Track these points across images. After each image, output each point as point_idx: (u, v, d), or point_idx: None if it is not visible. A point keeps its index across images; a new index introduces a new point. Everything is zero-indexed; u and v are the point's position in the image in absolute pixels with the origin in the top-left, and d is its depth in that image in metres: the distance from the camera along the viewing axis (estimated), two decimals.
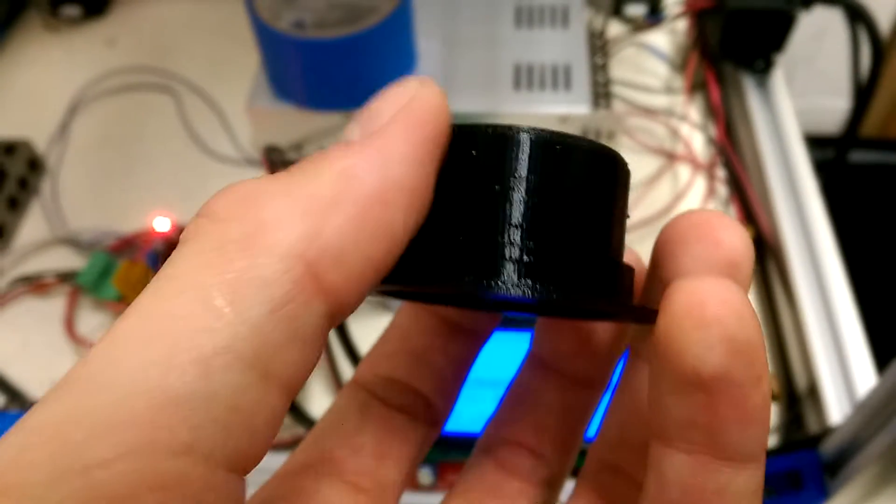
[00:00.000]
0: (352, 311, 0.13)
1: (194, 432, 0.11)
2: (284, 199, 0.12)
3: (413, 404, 0.18)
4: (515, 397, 0.19)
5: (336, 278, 0.12)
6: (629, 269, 0.15)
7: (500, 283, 0.13)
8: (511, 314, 0.19)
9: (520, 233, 0.14)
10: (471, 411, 0.22)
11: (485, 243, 0.14)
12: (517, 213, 0.14)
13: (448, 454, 0.41)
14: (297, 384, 0.12)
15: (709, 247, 0.14)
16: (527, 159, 0.14)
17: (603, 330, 0.18)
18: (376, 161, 0.13)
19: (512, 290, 0.13)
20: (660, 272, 0.15)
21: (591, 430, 0.19)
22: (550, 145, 0.14)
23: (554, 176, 0.14)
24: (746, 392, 0.12)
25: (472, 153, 0.14)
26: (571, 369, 0.18)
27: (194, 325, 0.11)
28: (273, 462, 0.17)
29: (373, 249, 0.13)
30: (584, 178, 0.14)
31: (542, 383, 0.18)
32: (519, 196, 0.14)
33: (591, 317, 0.17)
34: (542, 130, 0.14)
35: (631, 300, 0.15)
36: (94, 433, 0.10)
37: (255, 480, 0.14)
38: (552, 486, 0.18)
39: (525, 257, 0.14)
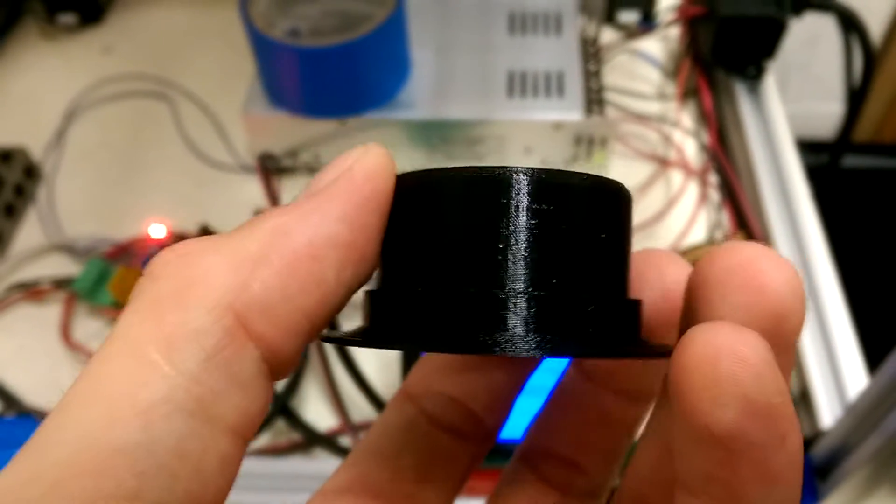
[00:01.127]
0: (293, 360, 0.14)
1: (140, 479, 0.12)
2: (215, 255, 0.13)
3: (462, 423, 0.18)
4: (558, 407, 0.18)
5: (265, 328, 0.13)
6: (637, 304, 0.15)
7: (507, 341, 0.13)
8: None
9: (524, 283, 0.13)
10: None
11: (489, 297, 0.13)
12: (520, 262, 0.13)
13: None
14: (247, 427, 0.13)
15: (751, 295, 0.13)
16: (526, 203, 0.13)
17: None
18: (309, 219, 0.14)
19: (520, 347, 0.13)
20: (694, 319, 0.13)
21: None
22: (550, 185, 0.13)
23: (557, 217, 0.13)
24: (768, 453, 0.12)
25: (467, 199, 0.14)
26: (616, 381, 0.17)
27: (134, 380, 0.12)
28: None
29: (303, 301, 0.13)
30: (589, 218, 0.14)
31: (585, 394, 0.18)
32: (520, 244, 0.13)
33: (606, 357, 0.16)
34: (539, 170, 0.14)
35: (640, 338, 0.14)
36: (48, 490, 0.11)
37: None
38: (593, 500, 0.18)
39: (533, 309, 0.13)
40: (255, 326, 0.13)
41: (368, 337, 0.15)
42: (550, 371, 0.19)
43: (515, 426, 0.19)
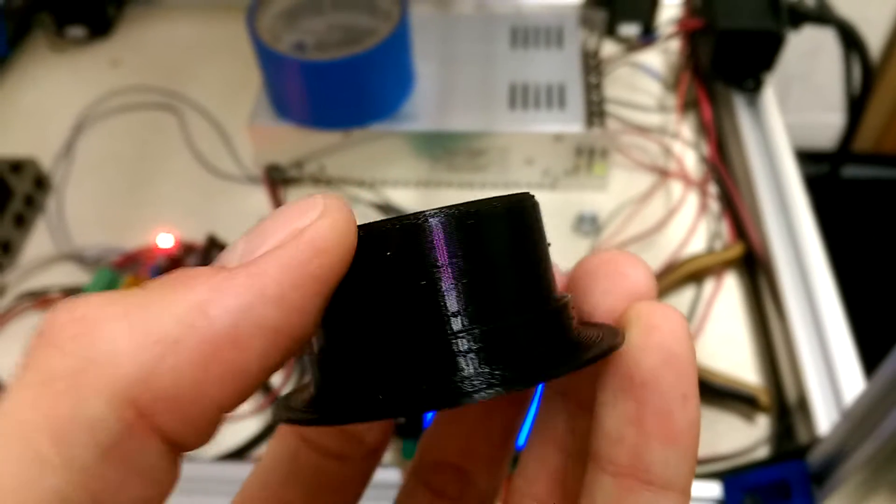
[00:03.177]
0: (204, 443, 0.12)
1: None
2: (123, 329, 0.11)
3: (343, 446, 0.17)
4: (444, 417, 0.18)
5: (172, 422, 0.12)
6: (567, 300, 0.15)
7: (462, 383, 0.12)
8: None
9: (462, 321, 0.13)
10: None
11: (429, 346, 0.13)
12: (453, 301, 0.13)
13: None
14: None
15: (616, 279, 0.15)
16: (444, 243, 0.13)
17: None
18: (237, 298, 0.12)
19: (477, 387, 0.12)
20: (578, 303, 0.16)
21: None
22: (462, 220, 0.13)
23: (477, 249, 0.13)
24: (672, 408, 0.14)
25: (385, 254, 0.13)
26: None
27: (22, 474, 0.11)
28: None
29: (217, 393, 0.12)
30: (507, 237, 0.14)
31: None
32: (449, 283, 0.13)
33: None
34: (448, 208, 0.13)
35: (573, 337, 0.15)
36: None
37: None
38: (486, 501, 0.18)
39: (476, 345, 0.13)
40: (159, 421, 0.11)
41: (324, 414, 0.14)
42: None
43: None
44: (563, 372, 0.13)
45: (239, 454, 0.44)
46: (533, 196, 0.15)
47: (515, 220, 0.14)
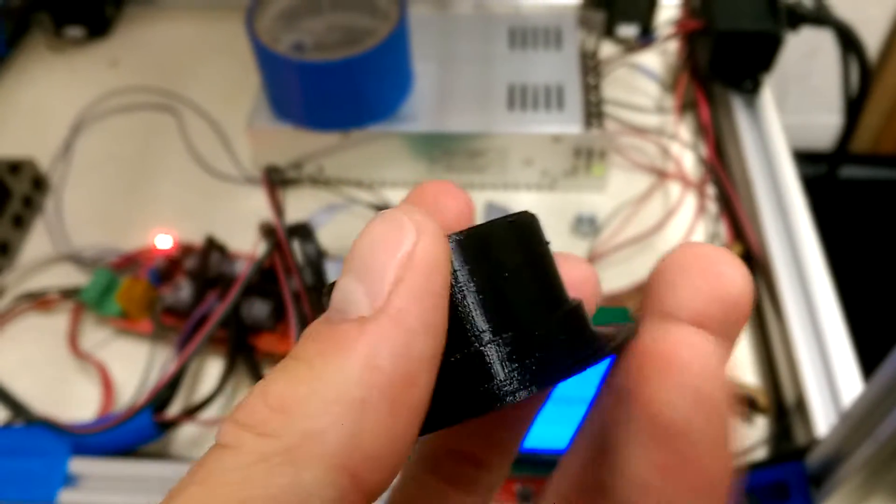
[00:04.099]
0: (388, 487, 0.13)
1: None
2: (318, 407, 0.12)
3: (469, 475, 0.18)
4: None
5: (375, 477, 0.12)
6: (579, 301, 0.15)
7: (499, 390, 0.13)
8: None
9: (489, 333, 0.14)
10: (546, 429, 0.21)
11: (463, 360, 0.13)
12: (479, 319, 0.14)
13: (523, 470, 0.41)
14: None
15: (710, 279, 0.14)
16: (464, 265, 0.14)
17: None
18: (397, 342, 0.12)
19: (512, 389, 0.13)
20: (656, 301, 0.14)
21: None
22: (474, 243, 0.14)
23: (492, 269, 0.14)
24: (704, 457, 0.13)
25: None
26: None
27: None
28: None
29: (408, 434, 0.13)
30: (517, 256, 0.15)
31: None
32: (473, 300, 0.14)
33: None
34: (458, 234, 0.14)
35: (594, 332, 0.15)
36: None
37: None
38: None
39: (505, 351, 0.14)
40: (367, 478, 0.12)
41: None
42: (585, 380, 0.20)
43: (539, 436, 0.19)
44: (588, 364, 0.14)
45: None
46: (529, 213, 0.15)
47: (521, 234, 0.15)
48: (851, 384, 0.42)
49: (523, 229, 0.15)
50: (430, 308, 0.13)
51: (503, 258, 0.14)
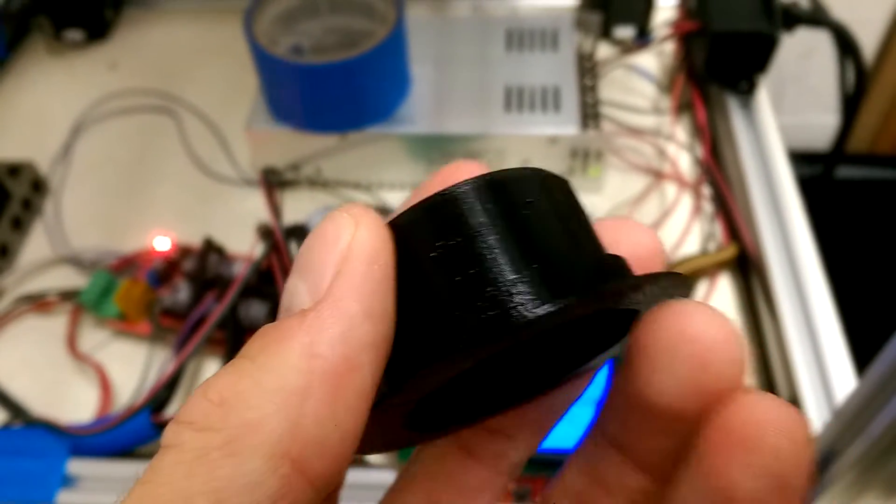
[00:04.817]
0: (341, 481, 0.14)
1: None
2: (259, 397, 0.12)
3: (495, 450, 0.17)
4: None
5: (321, 464, 0.12)
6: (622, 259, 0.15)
7: (523, 313, 0.12)
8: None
9: (515, 267, 0.13)
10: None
11: (490, 290, 0.13)
12: (504, 255, 0.13)
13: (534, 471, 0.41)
14: None
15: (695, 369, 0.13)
16: (491, 203, 0.14)
17: None
18: (336, 330, 0.13)
19: (539, 309, 0.12)
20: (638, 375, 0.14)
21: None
22: (494, 185, 0.14)
23: (516, 206, 0.14)
24: None
25: (431, 232, 0.14)
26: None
27: None
28: None
29: (351, 421, 0.13)
30: (548, 199, 0.15)
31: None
32: (496, 238, 0.13)
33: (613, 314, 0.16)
34: (476, 178, 0.14)
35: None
36: None
37: None
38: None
39: (533, 277, 0.13)
40: (311, 466, 0.12)
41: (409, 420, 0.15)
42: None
43: (564, 435, 0.19)
44: (619, 292, 0.13)
45: None
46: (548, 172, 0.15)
47: (549, 185, 0.15)
48: (846, 384, 0.43)
49: (550, 180, 0.15)
50: (370, 294, 0.13)
51: (528, 203, 0.14)
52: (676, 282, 0.14)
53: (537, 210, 0.14)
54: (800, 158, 0.58)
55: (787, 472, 0.12)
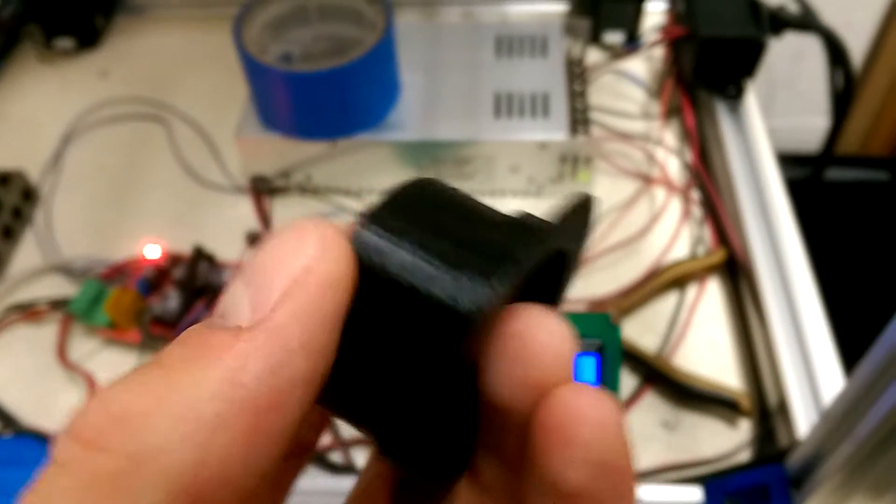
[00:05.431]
0: None
1: None
2: (164, 418, 0.11)
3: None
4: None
5: (225, 498, 0.11)
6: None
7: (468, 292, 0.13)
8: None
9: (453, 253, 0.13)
10: None
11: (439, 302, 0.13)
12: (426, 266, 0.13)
13: None
14: None
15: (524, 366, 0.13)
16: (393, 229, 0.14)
17: None
18: (266, 361, 0.11)
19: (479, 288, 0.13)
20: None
21: None
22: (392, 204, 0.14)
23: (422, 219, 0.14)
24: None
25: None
26: None
27: None
28: None
29: (265, 461, 0.11)
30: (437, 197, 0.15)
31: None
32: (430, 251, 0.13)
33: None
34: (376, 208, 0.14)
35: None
36: None
37: None
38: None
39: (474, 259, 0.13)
40: (212, 501, 0.11)
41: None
42: None
43: None
44: (545, 238, 0.14)
45: None
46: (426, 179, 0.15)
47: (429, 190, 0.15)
48: (834, 387, 0.43)
49: (426, 187, 0.15)
50: (315, 329, 0.12)
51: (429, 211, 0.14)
52: (581, 203, 0.15)
53: (442, 215, 0.14)
54: (790, 161, 0.58)
55: (607, 458, 0.12)
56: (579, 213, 0.15)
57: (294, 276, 0.12)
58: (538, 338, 0.13)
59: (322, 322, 0.12)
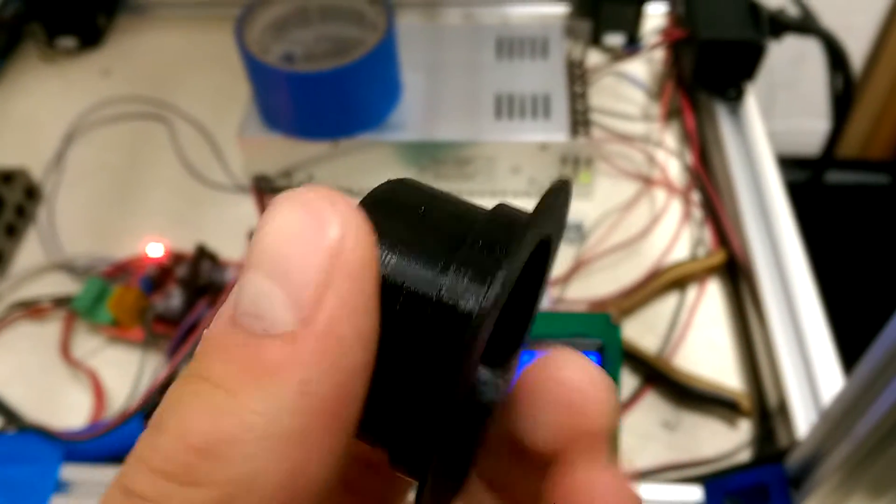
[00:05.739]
0: None
1: None
2: (248, 443, 0.11)
3: (368, 483, 0.16)
4: None
5: (315, 500, 0.11)
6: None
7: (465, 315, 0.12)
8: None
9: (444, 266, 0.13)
10: None
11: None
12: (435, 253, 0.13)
13: None
14: None
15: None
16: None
17: None
18: (329, 361, 0.11)
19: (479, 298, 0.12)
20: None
21: None
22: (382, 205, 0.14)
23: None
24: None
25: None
26: None
27: None
28: None
29: (340, 454, 0.12)
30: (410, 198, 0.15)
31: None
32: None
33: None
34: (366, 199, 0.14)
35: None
36: None
37: None
38: None
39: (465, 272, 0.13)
40: None
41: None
42: None
43: None
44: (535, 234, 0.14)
45: None
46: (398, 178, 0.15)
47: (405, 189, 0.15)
48: (833, 388, 0.43)
49: (401, 186, 0.15)
50: (363, 315, 0.11)
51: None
52: (558, 188, 0.15)
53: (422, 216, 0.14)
54: (790, 164, 0.59)
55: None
56: (558, 199, 0.15)
57: (328, 261, 0.11)
58: (583, 388, 0.13)
59: (366, 306, 0.11)
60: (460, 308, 0.12)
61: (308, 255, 0.11)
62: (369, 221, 0.12)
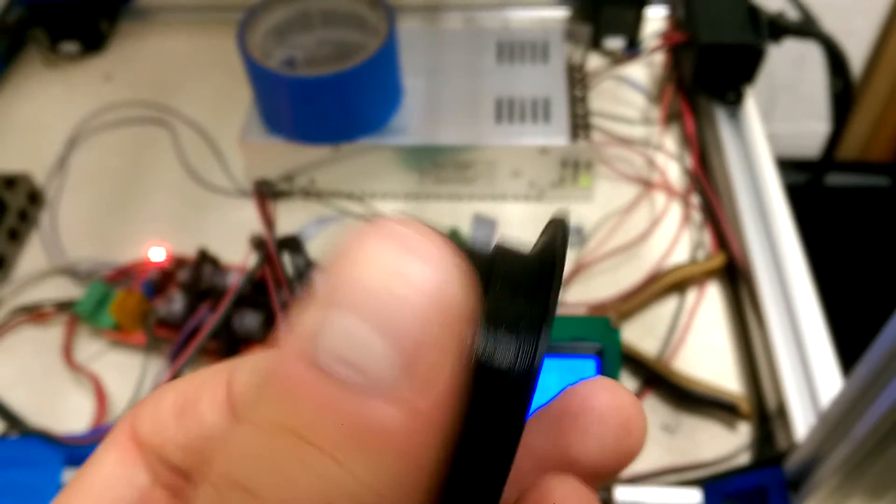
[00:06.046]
0: None
1: None
2: None
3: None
4: None
5: None
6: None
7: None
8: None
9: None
10: None
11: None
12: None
13: None
14: None
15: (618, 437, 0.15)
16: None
17: None
18: (440, 428, 0.10)
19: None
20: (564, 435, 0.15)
21: None
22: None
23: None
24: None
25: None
26: None
27: None
28: None
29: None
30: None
31: None
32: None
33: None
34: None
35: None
36: None
37: None
38: None
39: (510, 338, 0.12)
40: None
41: None
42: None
43: None
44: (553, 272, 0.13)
45: None
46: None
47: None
48: (832, 391, 0.43)
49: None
50: (462, 370, 0.10)
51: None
52: (556, 226, 0.15)
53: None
54: (790, 166, 0.59)
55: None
56: (557, 237, 0.15)
57: (432, 312, 0.10)
58: (637, 414, 0.15)
59: (465, 359, 0.10)
60: (517, 372, 0.11)
61: (410, 301, 0.10)
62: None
